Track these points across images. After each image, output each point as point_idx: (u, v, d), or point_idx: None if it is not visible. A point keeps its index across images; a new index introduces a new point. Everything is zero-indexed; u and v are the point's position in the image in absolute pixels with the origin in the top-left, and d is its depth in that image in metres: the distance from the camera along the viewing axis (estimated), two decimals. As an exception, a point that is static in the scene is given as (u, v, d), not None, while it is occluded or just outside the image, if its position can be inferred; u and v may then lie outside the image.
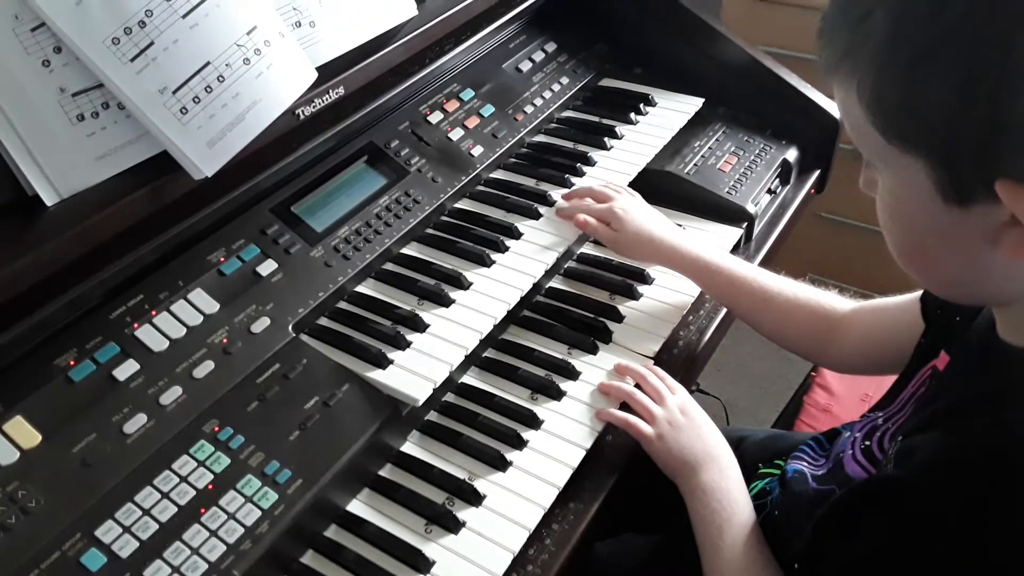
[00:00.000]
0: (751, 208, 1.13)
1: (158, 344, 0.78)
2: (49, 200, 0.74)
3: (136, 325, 0.78)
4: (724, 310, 1.03)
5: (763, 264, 1.13)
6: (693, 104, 1.24)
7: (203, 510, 0.70)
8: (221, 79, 0.79)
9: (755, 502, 0.83)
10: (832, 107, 1.24)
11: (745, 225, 1.13)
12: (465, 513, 0.78)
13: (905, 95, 0.51)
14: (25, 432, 0.69)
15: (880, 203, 0.60)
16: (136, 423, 0.73)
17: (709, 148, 1.20)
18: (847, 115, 0.57)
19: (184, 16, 0.77)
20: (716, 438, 0.85)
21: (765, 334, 0.97)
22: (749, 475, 0.88)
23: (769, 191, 1.19)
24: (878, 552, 0.61)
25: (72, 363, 0.74)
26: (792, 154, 1.23)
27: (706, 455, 0.82)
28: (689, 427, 0.84)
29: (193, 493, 0.71)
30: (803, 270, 0.96)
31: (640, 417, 0.85)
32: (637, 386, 0.89)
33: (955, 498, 0.57)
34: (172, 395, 0.76)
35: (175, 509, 0.70)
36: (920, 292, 0.83)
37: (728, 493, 0.80)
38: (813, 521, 0.69)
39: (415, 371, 0.83)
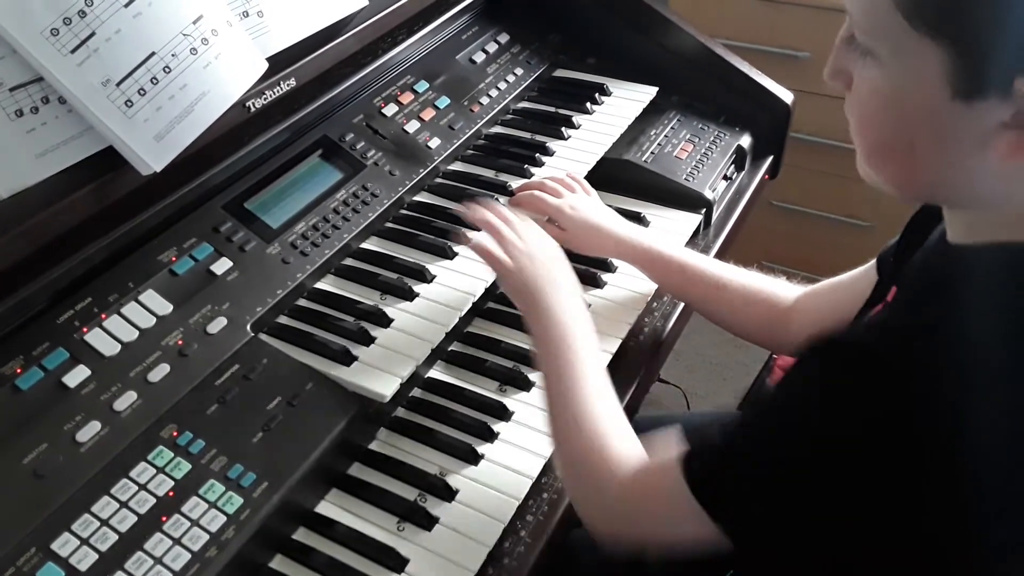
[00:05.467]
0: (709, 194, 1.14)
1: (109, 348, 0.75)
2: (-13, 200, 0.71)
3: (85, 329, 0.75)
4: (686, 296, 1.03)
5: (720, 251, 1.14)
6: (647, 93, 1.24)
7: (165, 518, 0.67)
8: (167, 70, 0.76)
9: None
10: (783, 93, 1.26)
11: (704, 211, 1.13)
12: (438, 509, 0.76)
13: None
14: (-29, 444, 0.65)
15: (865, 94, 0.58)
16: (89, 431, 0.70)
17: (665, 136, 1.21)
18: None
19: (126, 5, 0.74)
20: (560, 257, 0.87)
21: (718, 323, 0.98)
22: None
23: (725, 177, 1.20)
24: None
25: (19, 371, 0.70)
26: (746, 140, 1.24)
27: (550, 277, 0.83)
28: (539, 254, 0.85)
29: (153, 501, 0.68)
30: (755, 258, 0.97)
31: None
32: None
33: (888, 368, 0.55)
34: (126, 401, 0.72)
35: (135, 518, 0.67)
36: (874, 260, 0.84)
37: (577, 309, 0.81)
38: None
39: (381, 367, 0.81)
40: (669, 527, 0.69)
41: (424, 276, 0.92)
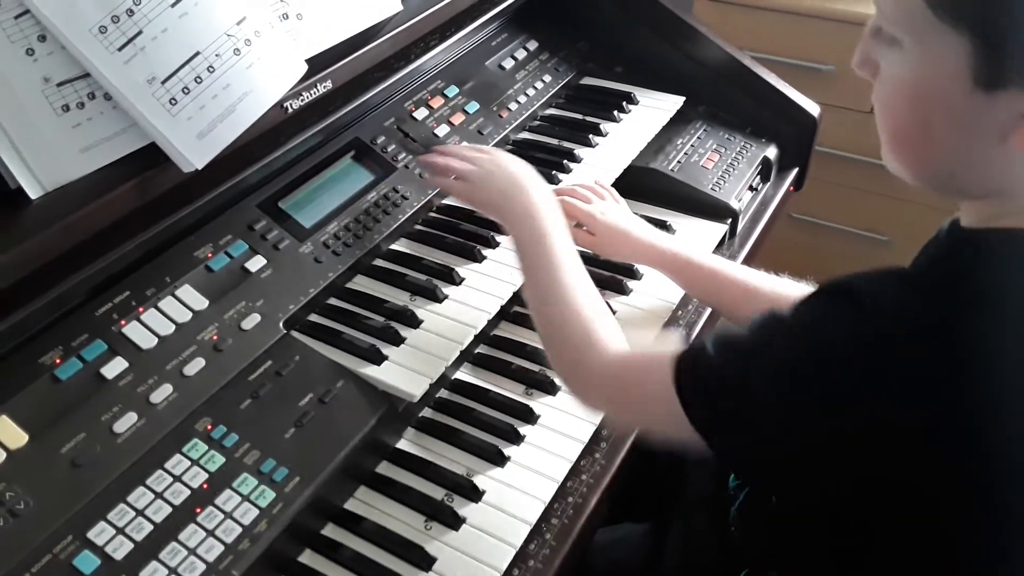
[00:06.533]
0: (735, 204, 1.14)
1: (147, 341, 0.76)
2: (33, 193, 0.72)
3: (123, 322, 0.76)
4: (711, 306, 1.04)
5: (745, 261, 1.14)
6: (675, 102, 1.25)
7: (199, 510, 0.68)
8: (211, 69, 0.78)
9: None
10: (810, 106, 1.26)
11: (729, 221, 1.13)
12: (465, 509, 0.77)
13: None
14: (11, 432, 0.66)
15: (888, 81, 0.60)
16: (126, 422, 0.71)
17: (691, 145, 1.21)
18: None
19: (173, 5, 0.76)
20: (525, 167, 0.90)
21: None
22: None
23: (751, 188, 1.21)
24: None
25: (58, 361, 0.72)
26: (772, 151, 1.24)
27: (515, 183, 0.88)
28: (498, 169, 0.90)
29: (188, 493, 0.69)
30: (774, 270, 0.97)
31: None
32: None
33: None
34: (163, 393, 0.74)
35: (170, 509, 0.68)
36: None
37: (548, 206, 0.86)
38: None
39: (410, 367, 0.82)
40: (646, 415, 0.74)
41: (453, 279, 0.93)
